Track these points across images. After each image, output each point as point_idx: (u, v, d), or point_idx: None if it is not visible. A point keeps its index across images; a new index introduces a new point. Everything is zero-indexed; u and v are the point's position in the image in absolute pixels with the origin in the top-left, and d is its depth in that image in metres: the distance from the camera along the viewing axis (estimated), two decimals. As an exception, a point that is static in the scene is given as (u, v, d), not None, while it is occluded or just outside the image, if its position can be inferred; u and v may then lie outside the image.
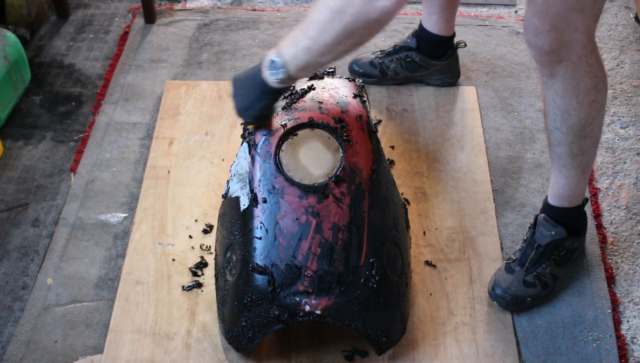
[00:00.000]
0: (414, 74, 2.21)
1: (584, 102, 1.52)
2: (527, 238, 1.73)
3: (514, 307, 1.69)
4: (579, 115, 1.53)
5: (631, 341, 1.69)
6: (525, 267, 1.69)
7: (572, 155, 1.60)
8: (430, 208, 1.91)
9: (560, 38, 1.43)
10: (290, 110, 1.67)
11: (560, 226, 1.69)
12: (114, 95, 2.24)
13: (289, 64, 1.40)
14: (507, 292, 1.68)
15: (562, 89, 1.50)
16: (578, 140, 1.57)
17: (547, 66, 1.49)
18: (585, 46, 1.45)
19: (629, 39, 2.43)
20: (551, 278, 1.71)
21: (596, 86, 1.51)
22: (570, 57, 1.46)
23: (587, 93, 1.51)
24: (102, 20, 2.52)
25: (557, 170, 1.66)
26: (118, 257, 1.82)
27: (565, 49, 1.44)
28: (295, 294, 1.50)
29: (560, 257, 1.71)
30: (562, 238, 1.69)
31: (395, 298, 1.57)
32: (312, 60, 1.38)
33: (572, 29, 1.42)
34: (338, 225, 1.53)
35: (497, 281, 1.70)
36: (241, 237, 1.57)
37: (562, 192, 1.68)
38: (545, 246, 1.69)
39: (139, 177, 2.00)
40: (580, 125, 1.55)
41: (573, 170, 1.63)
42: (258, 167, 1.60)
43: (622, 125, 2.16)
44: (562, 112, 1.54)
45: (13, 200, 1.96)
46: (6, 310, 1.73)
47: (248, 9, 2.57)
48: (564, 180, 1.66)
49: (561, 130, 1.56)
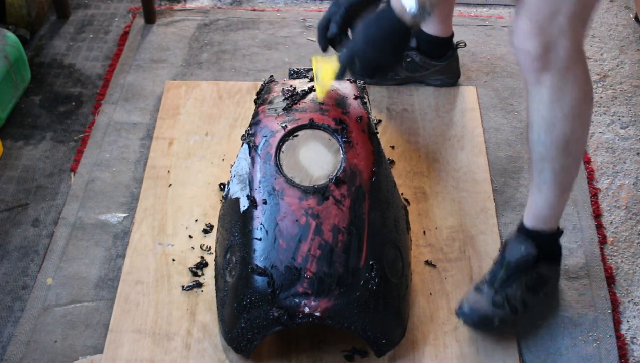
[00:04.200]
0: (414, 74, 2.21)
1: (569, 114, 1.48)
2: (497, 260, 1.67)
3: (481, 327, 1.63)
4: (564, 128, 1.49)
5: (631, 341, 1.69)
6: (494, 286, 1.63)
7: (554, 172, 1.55)
8: (430, 208, 1.91)
9: (548, 42, 1.41)
10: (290, 111, 1.67)
11: (529, 240, 1.63)
12: (114, 95, 2.24)
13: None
14: (474, 310, 1.62)
15: (548, 98, 1.47)
16: (561, 156, 1.53)
17: (534, 73, 1.45)
18: (572, 56, 1.43)
19: (629, 39, 2.43)
20: (521, 304, 1.64)
21: (583, 98, 1.48)
22: (557, 65, 1.43)
23: (572, 105, 1.47)
24: (102, 20, 2.52)
25: (537, 188, 1.60)
26: (118, 257, 1.82)
27: (553, 53, 1.42)
28: (294, 296, 1.50)
29: (532, 282, 1.64)
30: (532, 256, 1.62)
31: (395, 300, 1.57)
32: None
33: (560, 33, 1.40)
34: (338, 227, 1.53)
35: (465, 299, 1.65)
36: (241, 239, 1.57)
37: (540, 212, 1.63)
38: (515, 263, 1.62)
39: (139, 177, 2.00)
40: (565, 140, 1.51)
41: (553, 188, 1.58)
42: (258, 169, 1.60)
43: (622, 125, 2.16)
44: (547, 123, 1.50)
45: (13, 200, 1.96)
46: (6, 310, 1.73)
47: (248, 9, 2.57)
48: (544, 199, 1.60)
49: (545, 143, 1.52)
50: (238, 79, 2.29)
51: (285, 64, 2.34)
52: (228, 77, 2.29)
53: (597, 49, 2.40)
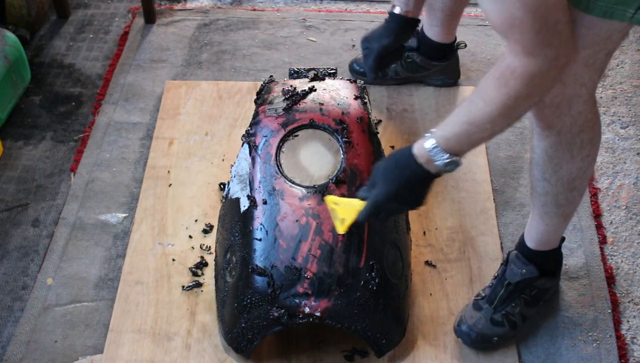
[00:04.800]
0: (414, 74, 2.21)
1: (577, 156, 1.45)
2: (498, 275, 1.66)
3: (479, 345, 1.62)
4: (571, 168, 1.47)
5: (631, 341, 1.69)
6: (494, 305, 1.63)
7: (557, 204, 1.54)
8: (430, 208, 1.91)
9: (564, 93, 1.36)
10: (291, 111, 1.67)
11: (531, 264, 1.62)
12: (114, 95, 2.24)
13: (463, 154, 1.33)
14: (472, 329, 1.61)
15: (557, 142, 1.44)
16: (566, 192, 1.51)
17: (546, 119, 1.42)
18: (586, 101, 1.39)
19: (629, 39, 2.43)
20: (520, 319, 1.64)
21: (591, 141, 1.45)
22: (570, 112, 1.39)
23: (581, 148, 1.45)
24: (102, 20, 2.52)
25: (539, 217, 1.59)
26: (118, 257, 1.82)
27: (567, 104, 1.38)
28: (294, 296, 1.50)
29: (531, 297, 1.64)
30: (533, 278, 1.62)
31: (395, 300, 1.57)
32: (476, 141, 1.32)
33: (578, 84, 1.35)
34: (338, 226, 1.53)
35: (463, 317, 1.64)
36: (241, 239, 1.57)
37: (541, 237, 1.62)
38: (515, 284, 1.61)
39: (139, 177, 2.00)
40: (571, 178, 1.49)
41: (556, 218, 1.57)
42: (258, 169, 1.60)
43: (622, 125, 2.16)
44: (553, 165, 1.47)
45: (13, 200, 1.96)
46: (6, 310, 1.73)
47: (248, 9, 2.56)
48: (545, 227, 1.59)
49: (550, 181, 1.50)
50: (238, 79, 2.29)
51: (285, 64, 2.34)
52: (228, 77, 2.29)
53: (597, 49, 2.40)
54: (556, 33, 1.16)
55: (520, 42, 1.15)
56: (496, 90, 1.21)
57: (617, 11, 1.24)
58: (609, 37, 1.29)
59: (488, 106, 1.23)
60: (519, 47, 1.16)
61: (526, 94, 1.20)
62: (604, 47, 1.31)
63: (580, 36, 1.27)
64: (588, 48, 1.30)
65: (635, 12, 1.24)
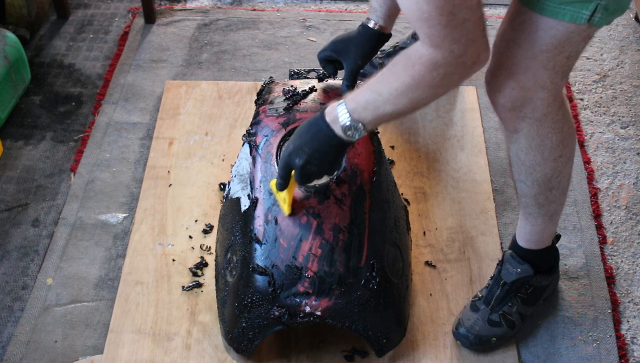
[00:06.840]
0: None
1: (549, 158, 1.45)
2: (494, 275, 1.66)
3: (478, 347, 1.62)
4: (545, 170, 1.47)
5: (631, 341, 1.69)
6: (491, 305, 1.62)
7: (538, 205, 1.54)
8: (430, 209, 1.91)
9: (524, 96, 1.36)
10: (291, 111, 1.67)
11: (526, 264, 1.61)
12: (114, 95, 2.24)
13: (367, 125, 1.33)
14: (470, 331, 1.61)
15: (526, 145, 1.43)
16: (544, 192, 1.51)
17: (510, 122, 1.42)
18: (550, 104, 1.38)
19: (629, 39, 2.43)
20: (518, 318, 1.63)
21: (562, 141, 1.44)
22: (534, 115, 1.39)
23: (552, 149, 1.44)
24: (102, 20, 2.52)
25: (524, 217, 1.59)
26: (118, 257, 1.82)
27: (529, 106, 1.37)
28: (295, 295, 1.50)
29: (528, 295, 1.63)
30: (528, 276, 1.61)
31: (395, 300, 1.57)
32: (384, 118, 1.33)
33: (538, 86, 1.35)
34: (339, 226, 1.53)
35: (461, 319, 1.64)
36: (242, 238, 1.57)
37: (530, 237, 1.61)
38: (511, 284, 1.61)
39: (139, 177, 2.00)
40: (546, 179, 1.48)
41: (540, 218, 1.57)
42: (259, 168, 1.60)
43: (622, 125, 2.16)
44: (526, 168, 1.47)
45: (13, 200, 1.96)
46: (6, 310, 1.73)
47: (248, 9, 2.57)
48: (531, 227, 1.59)
49: (526, 183, 1.50)
50: (238, 79, 2.29)
51: (285, 64, 2.34)
52: (228, 77, 2.29)
53: (597, 49, 2.40)
54: (464, 31, 1.17)
55: (428, 35, 1.18)
56: (403, 68, 1.24)
57: (568, 12, 1.24)
58: (567, 39, 1.28)
59: (395, 81, 1.25)
60: (427, 40, 1.18)
61: (429, 80, 1.22)
62: (563, 50, 1.30)
63: (537, 38, 1.28)
64: (546, 51, 1.30)
65: (592, 14, 1.24)
